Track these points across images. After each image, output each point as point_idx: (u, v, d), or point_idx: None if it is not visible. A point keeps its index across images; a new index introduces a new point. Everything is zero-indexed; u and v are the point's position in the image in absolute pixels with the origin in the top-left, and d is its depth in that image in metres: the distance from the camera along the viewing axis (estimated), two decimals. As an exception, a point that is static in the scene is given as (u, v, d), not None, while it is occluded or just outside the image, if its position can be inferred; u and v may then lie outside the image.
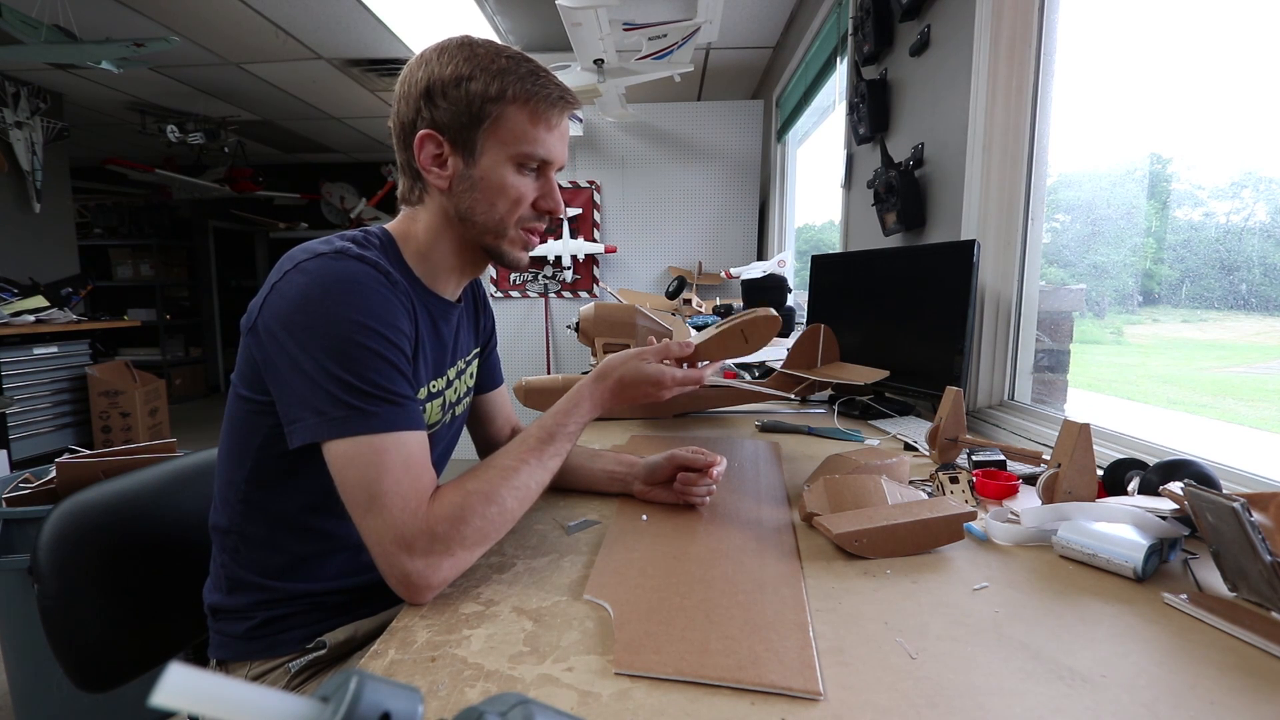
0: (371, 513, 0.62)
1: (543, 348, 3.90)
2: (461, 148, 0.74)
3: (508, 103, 0.72)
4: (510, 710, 0.26)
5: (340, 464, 0.64)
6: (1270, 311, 1.06)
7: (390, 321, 0.67)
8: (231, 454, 0.76)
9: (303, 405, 0.64)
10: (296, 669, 0.76)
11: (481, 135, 0.73)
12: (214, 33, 3.53)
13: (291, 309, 0.65)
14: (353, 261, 0.67)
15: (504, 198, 0.75)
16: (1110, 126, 1.33)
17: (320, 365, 0.63)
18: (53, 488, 1.59)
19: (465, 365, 0.91)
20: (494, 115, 0.72)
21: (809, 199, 3.58)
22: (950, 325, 1.26)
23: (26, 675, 1.54)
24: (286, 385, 0.65)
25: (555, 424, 0.74)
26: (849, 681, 0.49)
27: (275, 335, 0.65)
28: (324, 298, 0.64)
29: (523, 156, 0.74)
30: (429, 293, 0.80)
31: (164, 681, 0.20)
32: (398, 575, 0.62)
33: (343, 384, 0.63)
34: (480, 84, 0.71)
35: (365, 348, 0.64)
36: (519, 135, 0.73)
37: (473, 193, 0.75)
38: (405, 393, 0.67)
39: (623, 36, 2.65)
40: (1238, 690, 0.48)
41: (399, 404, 0.65)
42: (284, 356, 0.65)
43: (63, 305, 4.08)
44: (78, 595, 0.83)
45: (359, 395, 0.63)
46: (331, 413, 0.63)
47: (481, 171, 0.74)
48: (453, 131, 0.73)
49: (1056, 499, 0.79)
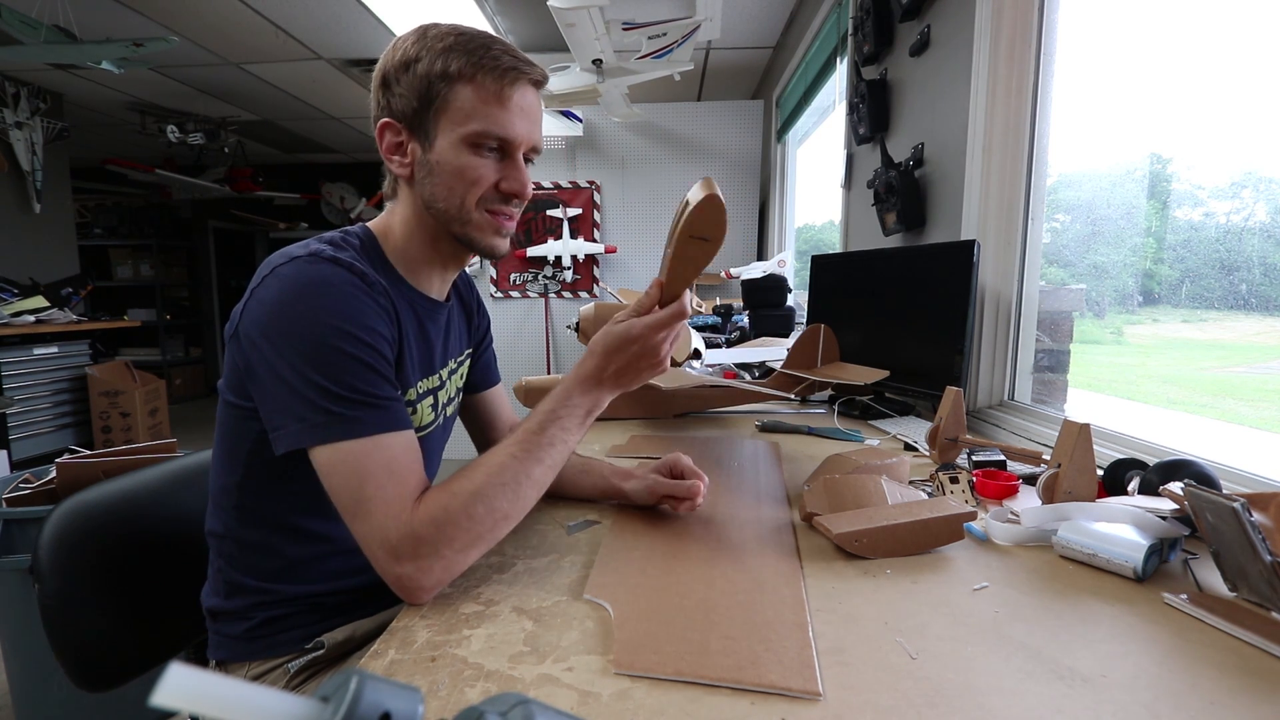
0: (359, 519, 0.62)
1: (543, 348, 3.90)
2: (417, 133, 0.72)
3: (454, 80, 0.69)
4: (510, 710, 0.26)
5: (325, 470, 0.63)
6: (1270, 311, 1.06)
7: (365, 324, 0.65)
8: (223, 460, 0.76)
9: (284, 412, 0.64)
10: (296, 669, 0.76)
11: (432, 117, 0.71)
12: (214, 33, 3.53)
13: (268, 315, 0.64)
14: (326, 264, 0.66)
15: (460, 180, 0.72)
16: (1110, 126, 1.33)
17: (298, 371, 0.63)
18: (53, 488, 1.59)
19: (457, 365, 0.90)
20: (441, 94, 0.69)
21: (809, 199, 3.58)
22: (950, 325, 1.26)
23: (26, 675, 1.54)
24: (268, 392, 0.65)
25: (546, 415, 0.69)
26: (849, 681, 0.49)
27: (255, 342, 0.65)
28: (297, 302, 0.64)
29: (475, 135, 0.70)
30: (413, 291, 0.79)
31: (164, 681, 0.20)
32: (390, 579, 0.62)
33: (320, 389, 0.62)
34: (426, 64, 0.69)
35: (341, 351, 0.63)
36: (469, 113, 0.70)
37: (431, 179, 0.73)
38: (385, 394, 0.66)
39: (621, 36, 2.65)
40: (1238, 690, 0.48)
41: (379, 406, 0.65)
42: (264, 363, 0.64)
43: (63, 305, 4.08)
44: (78, 595, 0.83)
45: (337, 400, 0.62)
46: (311, 419, 0.62)
47: (437, 155, 0.71)
48: (408, 118, 0.72)
49: (1056, 499, 0.79)
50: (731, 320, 2.63)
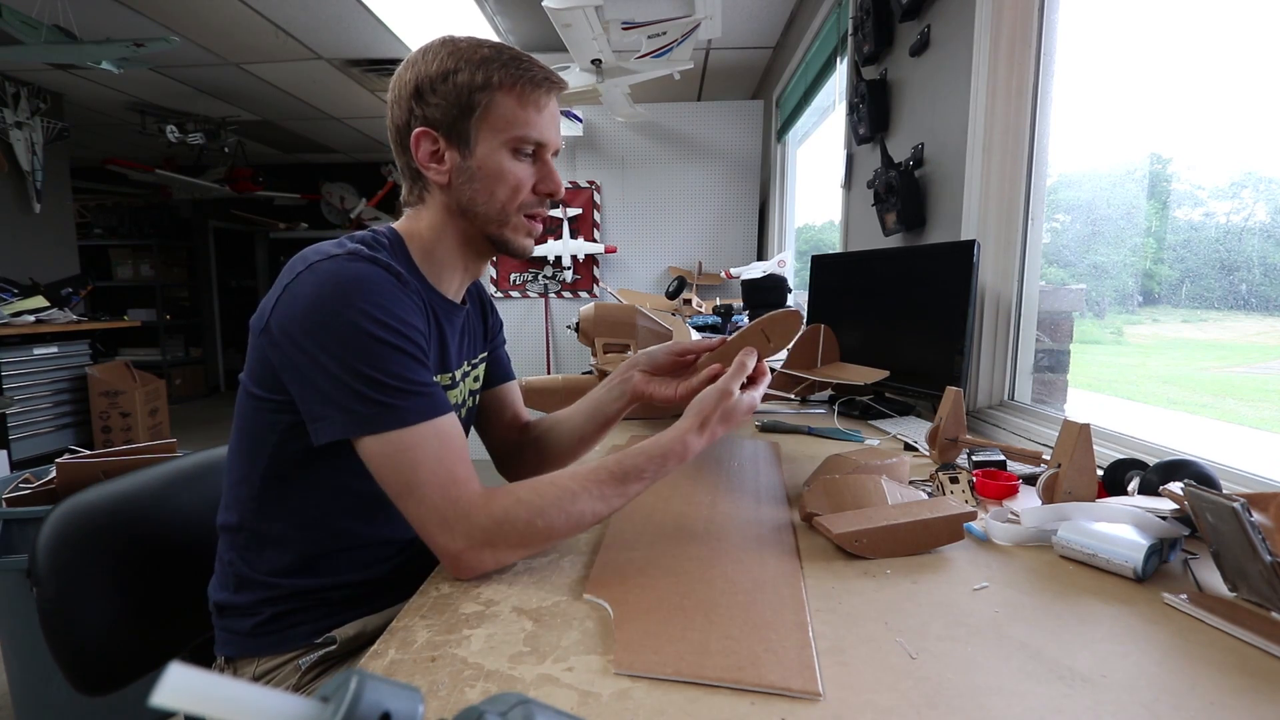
0: (412, 501, 0.65)
1: (543, 348, 3.90)
2: (456, 140, 0.75)
3: (495, 89, 0.73)
4: (510, 710, 0.26)
5: (376, 461, 0.65)
6: (1270, 311, 1.06)
7: (405, 318, 0.68)
8: (244, 452, 0.76)
9: (328, 403, 0.65)
10: (306, 665, 0.77)
11: (474, 125, 0.74)
12: (214, 33, 3.53)
13: (307, 310, 0.66)
14: (365, 263, 0.68)
15: (503, 184, 0.76)
16: (1110, 126, 1.33)
17: (343, 363, 0.64)
18: (53, 488, 1.59)
19: (471, 368, 0.91)
20: (483, 104, 0.74)
21: (809, 199, 3.58)
22: (950, 325, 1.26)
23: (27, 675, 1.54)
24: (309, 384, 0.66)
25: (635, 465, 0.69)
26: (849, 681, 0.49)
27: (292, 337, 0.66)
28: (338, 297, 0.65)
29: (516, 140, 0.75)
30: (433, 291, 0.81)
31: (164, 681, 0.20)
32: (442, 553, 0.65)
33: (367, 379, 0.64)
34: (466, 75, 0.73)
35: (385, 343, 0.65)
36: (510, 120, 0.74)
37: (472, 183, 0.76)
38: (427, 381, 0.68)
39: (621, 35, 2.65)
40: (1238, 690, 0.48)
41: (423, 394, 0.67)
42: (303, 357, 0.65)
43: (63, 305, 4.07)
44: (77, 598, 0.82)
45: (384, 390, 0.64)
46: (360, 410, 0.64)
47: (479, 161, 0.75)
48: (446, 126, 0.75)
49: (1056, 499, 0.79)
50: (731, 320, 2.63)
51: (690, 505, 0.88)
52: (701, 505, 0.87)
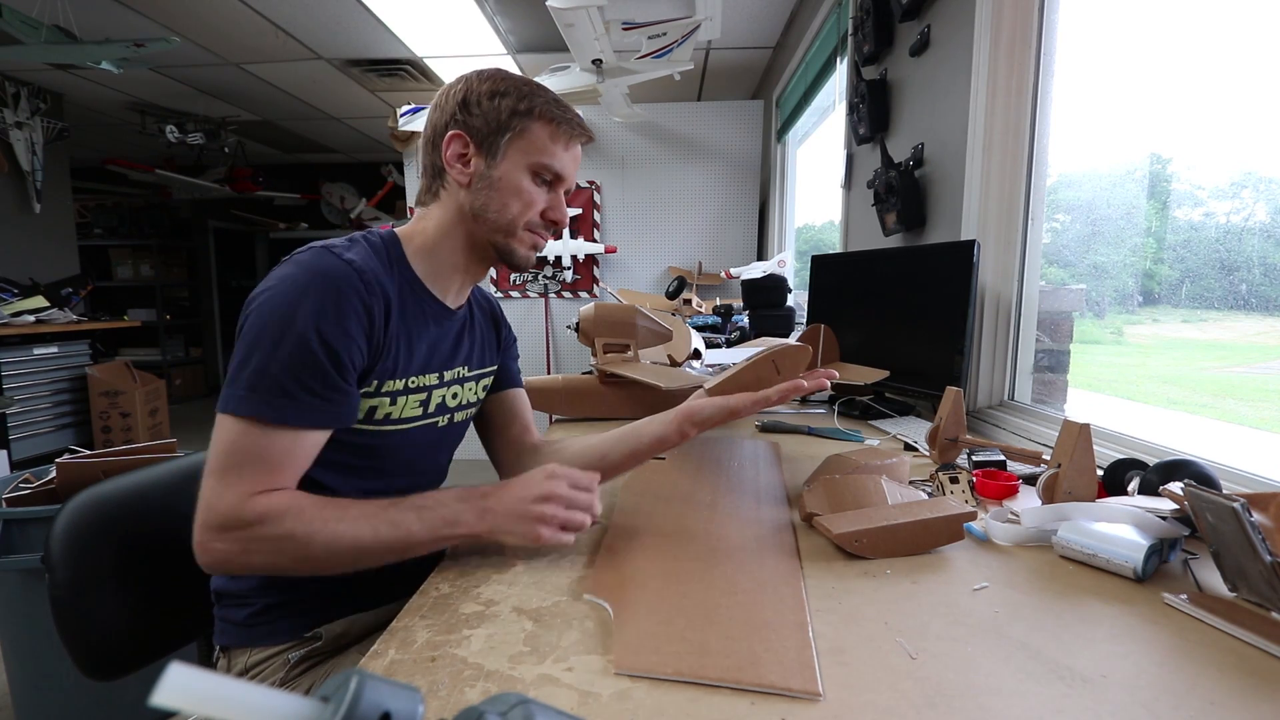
0: (212, 476, 0.67)
1: (543, 348, 3.90)
2: (486, 150, 0.81)
3: (534, 118, 0.80)
4: (510, 710, 0.26)
5: (215, 431, 0.68)
6: (1270, 311, 1.06)
7: (338, 322, 0.70)
8: None
9: (230, 376, 0.69)
10: (295, 660, 0.79)
11: (506, 142, 0.80)
12: (214, 33, 3.53)
13: (265, 287, 0.71)
14: (332, 258, 0.72)
15: (518, 199, 0.81)
16: (1110, 126, 1.33)
17: (256, 343, 0.67)
18: (53, 488, 1.58)
19: (470, 375, 0.91)
20: (519, 127, 0.80)
21: (809, 199, 3.58)
22: (950, 325, 1.26)
23: (27, 674, 1.53)
24: (234, 353, 0.70)
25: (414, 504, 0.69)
26: (849, 681, 0.49)
27: (246, 310, 0.71)
28: (284, 285, 0.70)
29: (540, 166, 0.81)
30: (426, 292, 0.83)
31: (164, 681, 0.20)
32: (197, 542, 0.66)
33: (256, 368, 0.67)
34: (512, 100, 0.80)
35: (304, 343, 0.68)
36: (539, 147, 0.81)
37: (490, 191, 0.81)
38: (318, 391, 0.69)
39: (621, 36, 2.65)
40: (1238, 690, 0.48)
41: (298, 400, 0.68)
42: (244, 327, 0.70)
43: (63, 305, 4.07)
44: (87, 586, 0.85)
45: (265, 379, 0.67)
46: (233, 390, 0.67)
47: (501, 173, 0.80)
48: (480, 135, 0.80)
49: (1056, 499, 0.79)
50: (731, 320, 2.63)
51: (690, 505, 0.88)
52: (701, 505, 0.87)
